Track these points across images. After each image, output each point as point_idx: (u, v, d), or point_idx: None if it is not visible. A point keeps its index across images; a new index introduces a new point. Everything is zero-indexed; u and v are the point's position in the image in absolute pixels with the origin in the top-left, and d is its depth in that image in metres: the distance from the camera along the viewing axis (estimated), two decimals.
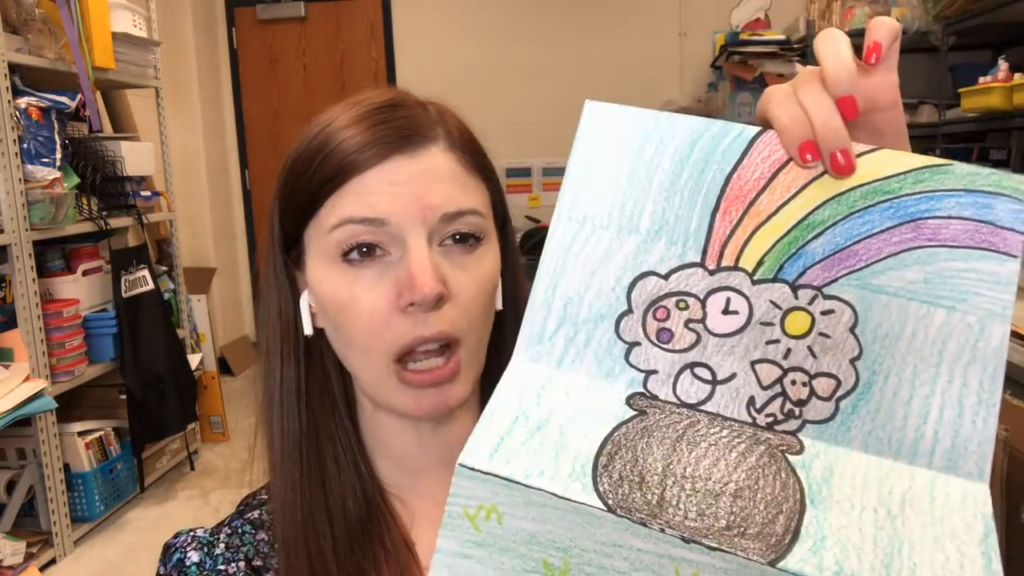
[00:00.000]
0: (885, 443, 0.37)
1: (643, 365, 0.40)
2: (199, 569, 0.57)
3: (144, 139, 3.46)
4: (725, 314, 0.39)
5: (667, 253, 0.39)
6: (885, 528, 0.35)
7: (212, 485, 3.28)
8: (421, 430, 0.60)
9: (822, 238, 0.38)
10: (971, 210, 0.37)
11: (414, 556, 0.58)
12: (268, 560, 0.58)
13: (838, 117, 0.37)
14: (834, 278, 0.38)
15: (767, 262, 0.38)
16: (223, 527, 0.60)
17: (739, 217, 0.39)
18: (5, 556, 2.40)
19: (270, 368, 0.59)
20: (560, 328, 0.40)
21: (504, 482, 0.36)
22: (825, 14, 3.73)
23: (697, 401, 0.39)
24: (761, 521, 0.35)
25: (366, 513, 0.58)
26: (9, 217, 2.48)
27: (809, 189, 0.38)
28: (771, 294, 0.38)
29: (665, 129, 0.40)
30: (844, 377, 0.38)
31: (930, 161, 0.37)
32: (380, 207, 0.52)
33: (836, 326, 0.38)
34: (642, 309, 0.40)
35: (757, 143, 0.39)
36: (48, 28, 2.70)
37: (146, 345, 3.06)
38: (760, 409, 0.38)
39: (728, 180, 0.39)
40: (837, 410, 0.38)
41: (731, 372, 0.39)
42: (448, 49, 4.83)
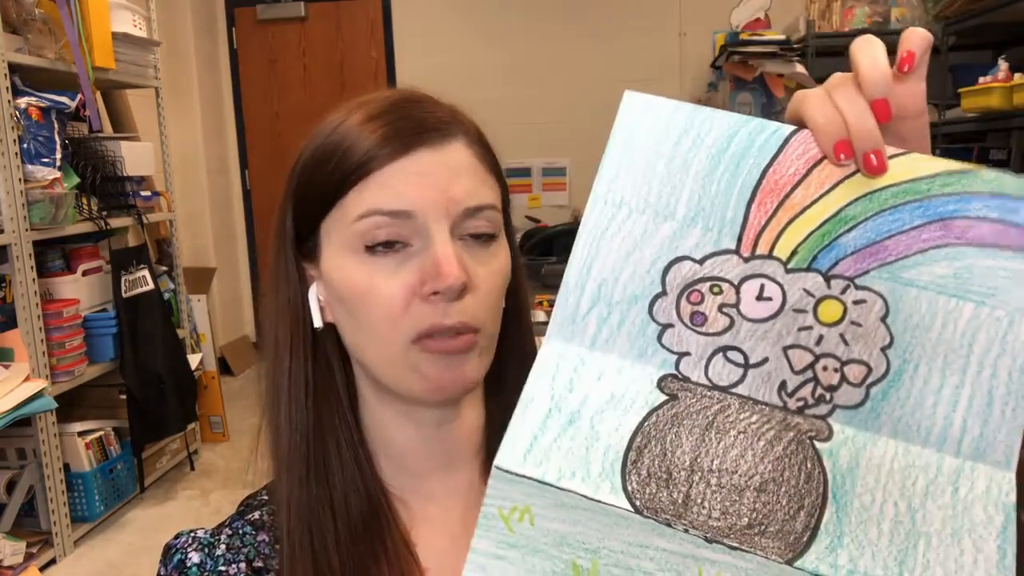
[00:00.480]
0: (914, 430, 0.38)
1: (676, 347, 0.40)
2: (200, 570, 0.57)
3: (144, 139, 3.46)
4: (759, 300, 0.40)
5: (703, 239, 0.40)
6: (904, 523, 0.36)
7: (212, 485, 3.28)
8: (424, 428, 0.60)
9: (854, 232, 0.39)
10: (998, 212, 0.38)
11: (414, 557, 0.58)
12: (269, 561, 0.58)
13: (872, 119, 0.39)
14: (866, 270, 0.39)
15: (801, 252, 0.39)
16: (224, 528, 0.60)
17: (774, 209, 0.40)
18: (5, 556, 2.41)
19: (278, 360, 0.59)
20: (594, 308, 0.41)
21: (537, 484, 0.37)
22: (825, 14, 3.73)
23: (729, 384, 0.40)
24: (782, 518, 0.37)
25: (368, 510, 0.58)
26: (9, 217, 2.48)
27: (842, 186, 0.39)
28: (804, 282, 0.39)
29: (703, 122, 0.41)
30: (875, 364, 0.39)
31: (957, 166, 0.38)
32: (406, 198, 0.53)
33: (868, 315, 0.39)
34: (676, 292, 0.40)
35: (792, 140, 0.40)
36: (48, 28, 2.70)
37: (146, 345, 3.06)
38: (792, 393, 0.39)
39: (764, 173, 0.40)
40: (867, 396, 0.39)
41: (763, 356, 0.40)
42: (448, 49, 4.83)
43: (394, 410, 0.59)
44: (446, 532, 0.61)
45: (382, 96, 0.57)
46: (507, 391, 0.62)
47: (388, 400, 0.59)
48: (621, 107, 0.41)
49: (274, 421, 0.59)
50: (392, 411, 0.60)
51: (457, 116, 0.57)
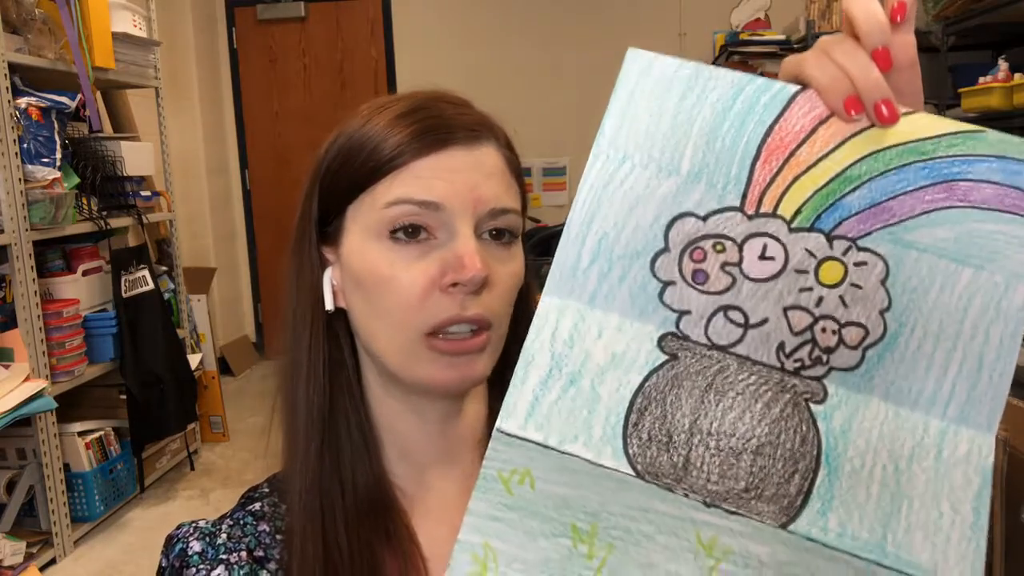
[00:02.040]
0: (905, 393, 0.39)
1: (677, 305, 0.40)
2: (201, 559, 0.58)
3: (144, 139, 3.46)
4: (761, 259, 0.40)
5: (706, 195, 0.40)
6: (889, 486, 0.38)
7: (212, 485, 3.28)
8: (428, 419, 0.61)
9: (858, 192, 0.39)
10: (1001, 175, 0.38)
11: (416, 544, 0.59)
12: (269, 551, 0.59)
13: (876, 69, 0.39)
14: (868, 231, 0.39)
15: (804, 211, 0.39)
16: (225, 519, 0.61)
17: (779, 166, 0.39)
18: (5, 556, 2.41)
19: (298, 338, 0.60)
20: (594, 263, 0.40)
21: (540, 448, 0.37)
22: (825, 14, 3.73)
23: (728, 343, 0.40)
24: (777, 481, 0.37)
25: (375, 492, 0.59)
26: (9, 217, 2.48)
27: (848, 144, 0.39)
28: (807, 243, 0.39)
29: (707, 79, 0.40)
30: (872, 327, 0.39)
31: (963, 127, 0.38)
32: (437, 191, 0.54)
33: (868, 277, 0.39)
34: (679, 249, 0.40)
35: (798, 99, 0.40)
36: (48, 28, 2.70)
37: (146, 345, 3.06)
38: (789, 354, 0.39)
39: (769, 131, 0.40)
40: (863, 359, 0.39)
41: (763, 316, 0.40)
42: (448, 49, 4.83)
43: (399, 400, 0.60)
44: (445, 522, 0.61)
45: (416, 94, 0.59)
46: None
47: (393, 390, 0.60)
48: (624, 63, 0.41)
49: (291, 397, 0.60)
50: (396, 401, 0.61)
51: (489, 121, 0.59)
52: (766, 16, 3.83)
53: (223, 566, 0.57)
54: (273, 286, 5.17)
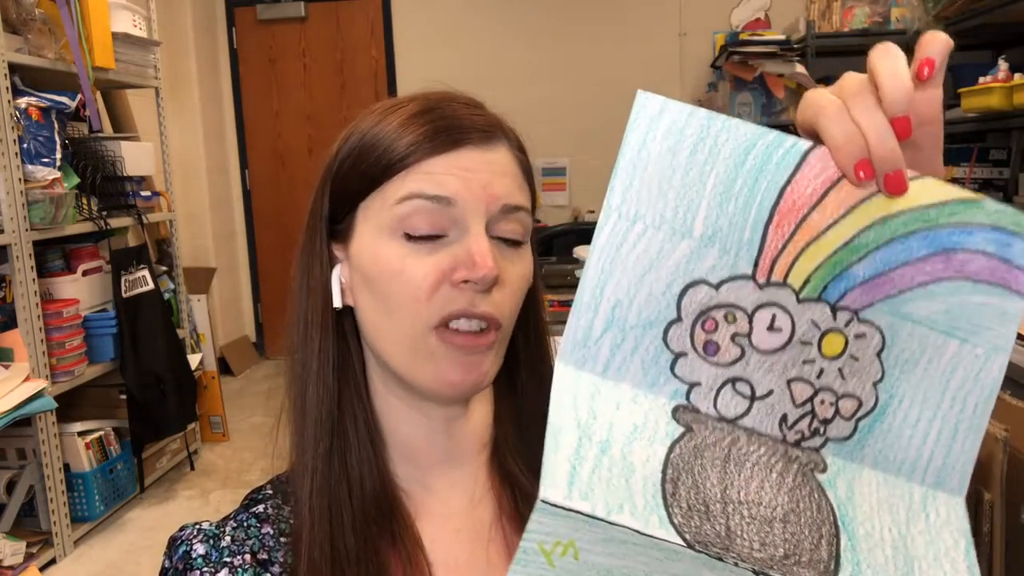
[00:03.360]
0: (891, 461, 0.40)
1: (687, 377, 0.40)
2: (205, 561, 0.58)
3: (144, 139, 3.46)
4: (770, 330, 0.40)
5: (719, 262, 0.40)
6: (900, 549, 0.39)
7: (212, 485, 3.28)
8: (432, 422, 0.61)
9: (865, 261, 0.39)
10: (994, 247, 0.39)
11: (421, 548, 0.59)
12: (273, 553, 0.59)
13: (893, 138, 0.38)
14: (870, 303, 0.40)
15: (813, 281, 0.39)
16: (229, 520, 0.61)
17: (791, 232, 0.39)
18: (5, 556, 2.41)
19: (308, 337, 0.60)
20: (607, 332, 0.40)
21: (586, 519, 0.36)
22: (825, 14, 3.73)
23: (735, 416, 0.40)
24: (810, 548, 0.38)
25: (381, 494, 0.59)
26: (9, 217, 2.48)
27: (858, 210, 0.39)
28: (813, 313, 0.40)
29: (719, 132, 0.39)
30: (865, 399, 0.40)
31: (964, 195, 0.39)
32: (450, 187, 0.54)
33: (866, 350, 0.40)
34: (691, 319, 0.40)
35: (809, 157, 0.39)
36: (48, 28, 2.70)
37: (146, 345, 3.06)
38: (791, 426, 0.40)
39: (782, 193, 0.39)
40: (856, 429, 0.40)
41: (769, 388, 0.40)
42: (448, 49, 4.83)
43: (405, 403, 0.60)
44: (448, 526, 0.61)
45: (429, 95, 0.59)
46: (518, 395, 0.64)
47: (400, 393, 0.60)
48: (634, 108, 0.39)
49: (300, 397, 0.60)
50: (403, 404, 0.60)
51: (502, 122, 0.59)
52: (766, 16, 3.83)
53: (227, 569, 0.57)
54: (273, 286, 5.17)
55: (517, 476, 0.62)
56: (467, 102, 0.59)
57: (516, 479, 0.62)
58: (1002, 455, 1.02)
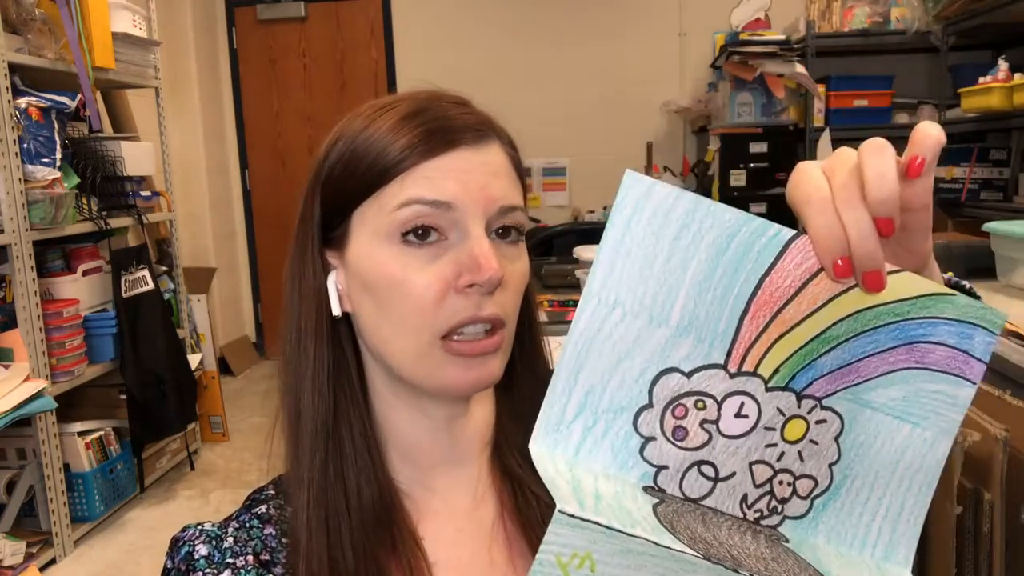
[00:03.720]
0: (843, 536, 0.43)
1: (656, 460, 0.41)
2: (208, 562, 0.57)
3: (144, 139, 3.46)
4: (737, 417, 0.41)
5: (694, 351, 0.40)
6: None
7: (212, 485, 3.28)
8: (435, 422, 0.61)
9: (833, 353, 0.41)
10: (955, 339, 0.41)
11: (422, 551, 0.59)
12: (276, 554, 0.59)
13: (875, 238, 0.38)
14: (834, 391, 0.42)
15: (782, 371, 0.41)
16: (231, 521, 0.61)
17: (765, 324, 0.40)
18: (5, 556, 2.41)
19: (302, 346, 0.59)
20: (579, 416, 0.41)
21: (604, 530, 0.37)
22: (825, 14, 3.73)
23: (699, 496, 0.42)
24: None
25: (379, 501, 0.59)
26: (9, 217, 2.48)
27: (832, 303, 0.40)
28: (779, 401, 0.41)
29: (704, 218, 0.39)
30: (821, 479, 0.43)
31: (938, 289, 0.40)
32: (448, 191, 0.54)
33: (825, 434, 0.42)
34: (662, 405, 0.41)
35: (791, 248, 0.39)
36: (48, 28, 2.70)
37: (146, 345, 3.06)
38: (751, 505, 0.42)
39: (760, 283, 0.40)
40: (811, 508, 0.43)
41: (732, 471, 0.42)
42: (448, 49, 4.83)
43: (406, 403, 0.60)
44: (451, 526, 0.61)
45: (417, 94, 0.59)
46: (518, 393, 0.64)
47: (401, 393, 0.60)
48: (621, 188, 0.39)
49: (294, 406, 0.59)
50: (404, 404, 0.60)
51: (492, 120, 0.59)
52: (766, 16, 3.83)
53: (229, 570, 0.57)
54: (273, 286, 5.17)
55: (518, 472, 0.62)
56: (455, 100, 0.58)
57: (517, 476, 0.62)
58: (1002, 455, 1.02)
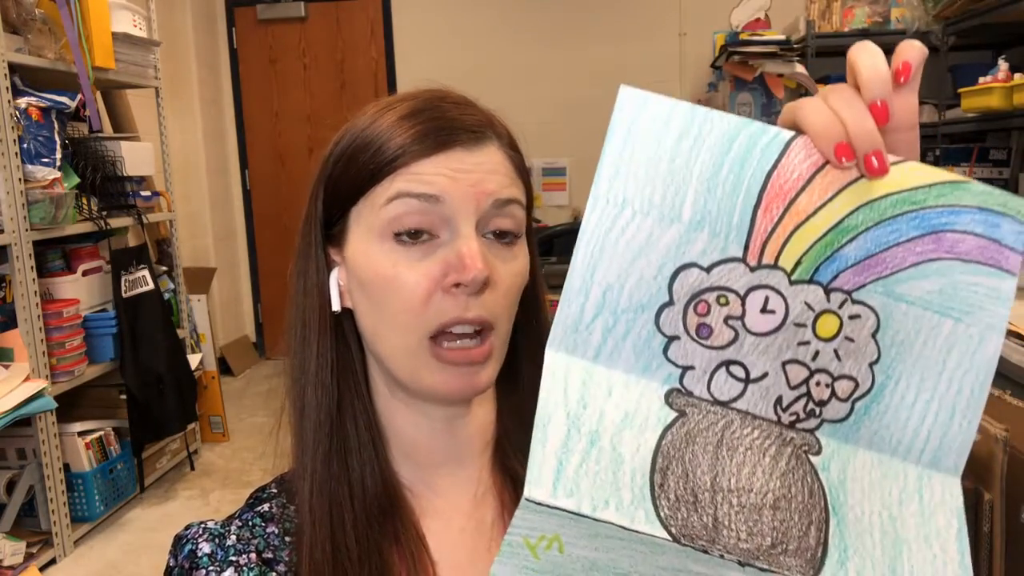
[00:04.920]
0: (887, 442, 0.40)
1: (681, 360, 0.40)
2: (211, 560, 0.58)
3: (144, 139, 3.46)
4: (763, 313, 0.40)
5: (710, 245, 0.39)
6: (889, 532, 0.39)
7: (212, 485, 3.28)
8: (434, 422, 0.61)
9: (855, 243, 0.39)
10: (983, 227, 0.39)
11: (424, 544, 0.59)
12: (278, 553, 0.59)
13: (871, 120, 0.38)
14: (863, 283, 0.40)
15: (804, 263, 0.39)
16: (234, 519, 0.61)
17: (780, 215, 0.39)
18: (5, 556, 2.41)
19: (306, 341, 0.60)
20: (598, 316, 0.40)
21: (571, 516, 0.36)
22: (825, 14, 3.73)
23: (729, 399, 0.40)
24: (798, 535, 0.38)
25: (383, 494, 0.59)
26: (9, 217, 2.48)
27: (844, 193, 0.39)
28: (806, 295, 0.40)
29: (703, 122, 0.39)
30: (862, 380, 0.40)
31: (950, 177, 0.39)
32: (437, 186, 0.54)
33: (861, 331, 0.40)
34: (684, 302, 0.40)
35: (793, 145, 0.39)
36: (48, 28, 2.70)
37: (146, 345, 3.06)
38: (786, 408, 0.40)
39: (768, 177, 0.39)
40: (852, 410, 0.40)
41: (763, 371, 0.40)
42: (448, 49, 4.83)
43: (405, 403, 0.61)
44: (453, 525, 0.61)
45: (420, 94, 0.59)
46: (521, 392, 0.64)
47: (399, 392, 0.60)
48: (618, 102, 0.40)
49: (299, 400, 0.60)
50: (403, 403, 0.61)
51: (493, 120, 0.59)
52: (766, 16, 3.83)
53: (232, 568, 0.57)
54: (273, 286, 5.17)
55: (520, 473, 0.62)
56: (458, 101, 0.59)
57: (519, 476, 0.62)
58: (1002, 455, 1.02)
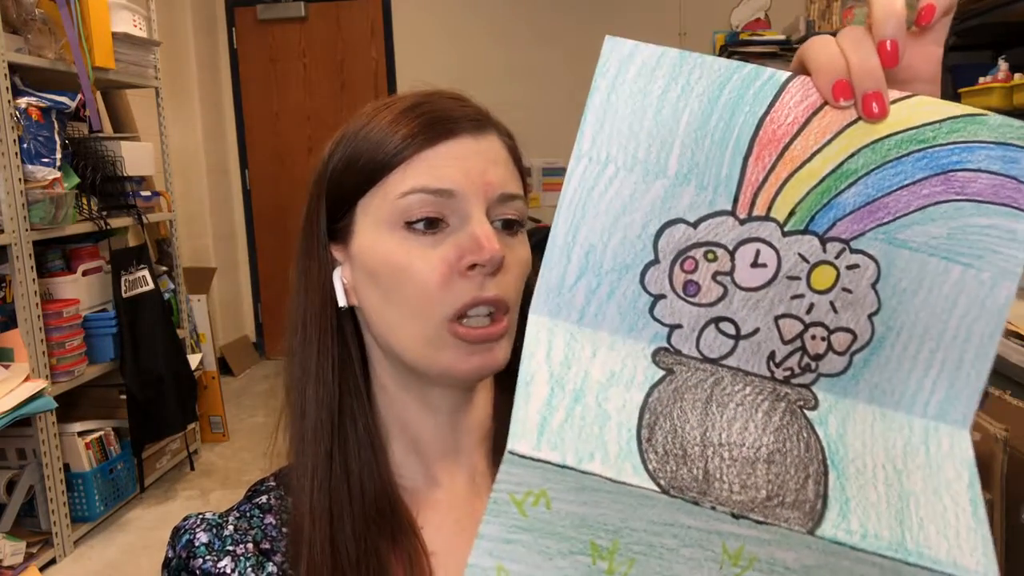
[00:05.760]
0: (888, 395, 0.38)
1: (668, 319, 0.39)
2: (208, 549, 0.58)
3: (144, 139, 3.46)
4: (753, 267, 0.38)
5: (697, 199, 0.38)
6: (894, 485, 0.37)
7: (212, 485, 3.28)
8: (440, 415, 0.62)
9: (854, 188, 0.37)
10: (999, 164, 0.36)
11: (421, 542, 0.60)
12: (276, 543, 0.59)
13: (875, 59, 0.36)
14: (862, 231, 0.37)
15: (798, 212, 0.37)
16: (232, 511, 0.61)
17: (772, 163, 0.37)
18: (5, 556, 2.41)
19: (308, 339, 0.60)
20: (581, 279, 0.38)
21: (556, 468, 0.35)
22: (825, 14, 3.72)
23: (719, 356, 0.39)
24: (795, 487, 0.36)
25: (381, 494, 0.60)
26: (9, 217, 2.48)
27: (844, 135, 0.37)
28: (800, 247, 0.38)
29: (692, 69, 0.37)
30: (860, 332, 0.38)
31: (965, 110, 0.36)
32: (450, 179, 0.55)
33: (859, 281, 0.38)
34: (669, 259, 0.38)
35: (789, 87, 0.37)
36: (48, 28, 2.70)
37: (146, 345, 3.06)
38: (779, 363, 0.38)
39: (761, 123, 0.37)
40: (850, 364, 0.38)
41: (755, 327, 0.38)
42: (448, 49, 4.83)
43: (413, 396, 0.61)
44: (451, 516, 0.62)
45: (418, 91, 0.60)
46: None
47: (408, 384, 0.61)
48: (603, 54, 0.38)
49: (300, 399, 0.60)
50: (411, 397, 0.61)
51: (489, 113, 0.61)
52: (766, 16, 3.84)
53: (229, 557, 0.57)
54: (273, 286, 5.17)
55: None
56: (453, 96, 0.60)
57: None
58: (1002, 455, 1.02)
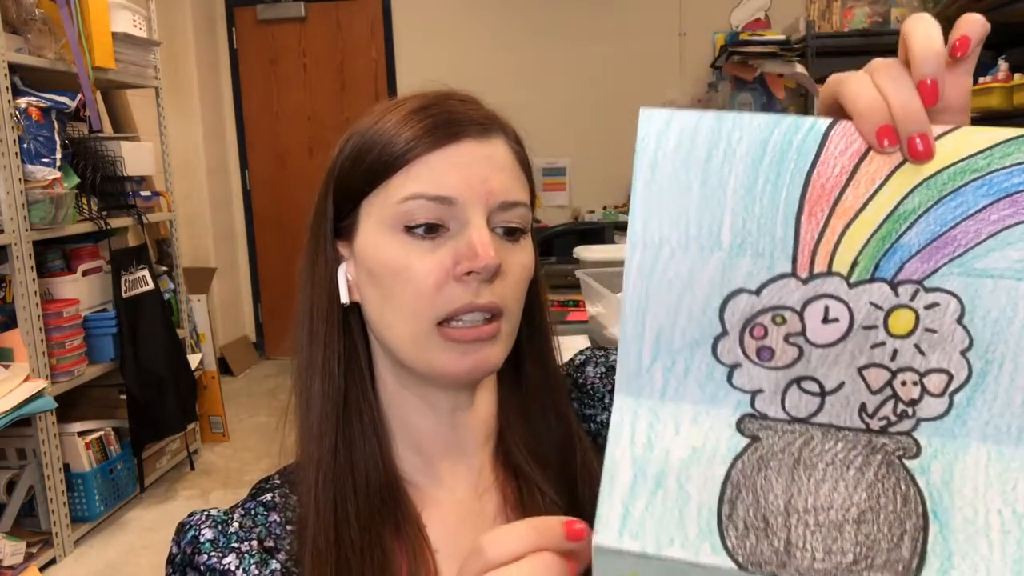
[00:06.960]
0: (1004, 431, 0.36)
1: (747, 386, 0.38)
2: (212, 546, 0.58)
3: (144, 139, 3.46)
4: (825, 323, 0.37)
5: (755, 267, 0.37)
6: (1012, 532, 0.35)
7: (212, 485, 3.28)
8: (439, 413, 0.62)
9: (915, 228, 0.36)
10: None
11: (424, 535, 0.60)
12: (280, 541, 0.60)
13: (918, 100, 0.36)
14: (934, 269, 0.36)
15: (862, 262, 0.37)
16: (237, 508, 0.62)
17: (826, 217, 0.37)
18: (5, 556, 2.41)
19: (314, 333, 0.61)
20: (656, 360, 0.39)
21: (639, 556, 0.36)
22: (825, 14, 3.73)
23: (808, 415, 0.38)
24: (887, 547, 0.35)
25: (385, 487, 0.60)
26: (9, 217, 2.48)
27: (894, 178, 0.36)
28: (870, 295, 0.37)
29: (731, 130, 0.37)
30: (956, 370, 0.37)
31: (1011, 133, 0.35)
32: (450, 185, 0.55)
33: (942, 319, 0.36)
34: (738, 329, 0.38)
35: (832, 135, 0.37)
36: (48, 28, 2.70)
37: (146, 345, 3.06)
38: (872, 414, 0.38)
39: (808, 179, 0.37)
40: (951, 404, 0.37)
41: (839, 381, 0.38)
42: (448, 49, 4.83)
43: (412, 393, 0.62)
44: (454, 515, 0.62)
45: (427, 92, 0.60)
46: (526, 389, 0.65)
47: (407, 382, 0.61)
48: (640, 127, 0.37)
49: (306, 391, 0.61)
50: (409, 392, 0.62)
51: (498, 116, 0.61)
52: (766, 16, 3.84)
53: (234, 554, 0.58)
54: (273, 286, 5.17)
55: (522, 467, 0.63)
56: (464, 98, 0.60)
57: (521, 470, 0.63)
58: None
